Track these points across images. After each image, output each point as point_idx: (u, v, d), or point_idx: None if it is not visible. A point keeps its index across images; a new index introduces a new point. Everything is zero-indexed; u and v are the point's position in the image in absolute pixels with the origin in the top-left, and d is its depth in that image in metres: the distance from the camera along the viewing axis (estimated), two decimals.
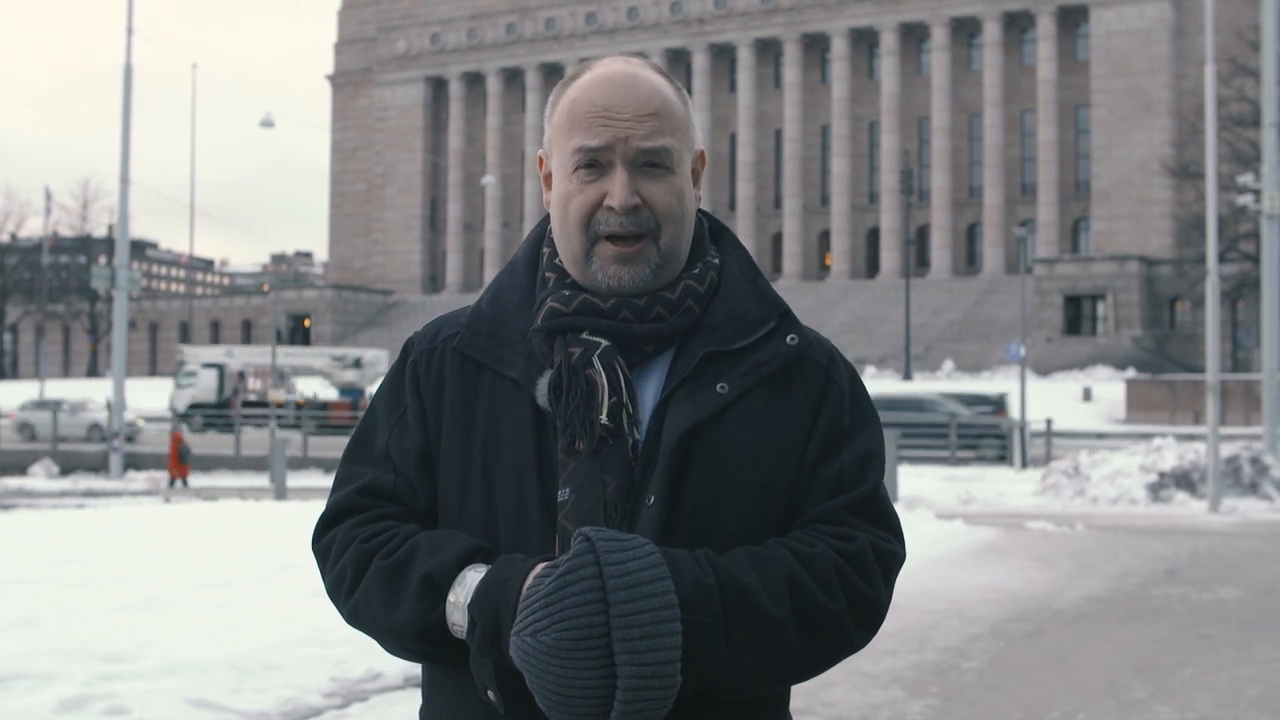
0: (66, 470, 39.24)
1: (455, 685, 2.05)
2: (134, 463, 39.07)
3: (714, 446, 2.03)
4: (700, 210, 2.19)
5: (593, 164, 2.04)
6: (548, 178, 2.15)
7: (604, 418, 2.01)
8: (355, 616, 2.05)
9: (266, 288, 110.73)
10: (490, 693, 1.94)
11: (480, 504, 2.06)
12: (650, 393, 2.07)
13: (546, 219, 2.21)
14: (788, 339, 2.11)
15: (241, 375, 60.01)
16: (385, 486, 2.11)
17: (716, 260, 2.15)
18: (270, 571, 12.09)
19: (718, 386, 2.05)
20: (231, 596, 10.67)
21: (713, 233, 2.21)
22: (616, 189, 2.03)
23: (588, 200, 2.04)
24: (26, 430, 49.88)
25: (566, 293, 2.08)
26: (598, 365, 2.03)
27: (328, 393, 59.71)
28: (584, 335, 2.05)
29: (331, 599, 2.10)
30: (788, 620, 1.95)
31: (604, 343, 2.05)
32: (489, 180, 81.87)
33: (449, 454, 2.09)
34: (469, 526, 2.06)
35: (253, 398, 58.46)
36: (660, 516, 1.99)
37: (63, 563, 12.54)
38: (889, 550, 2.07)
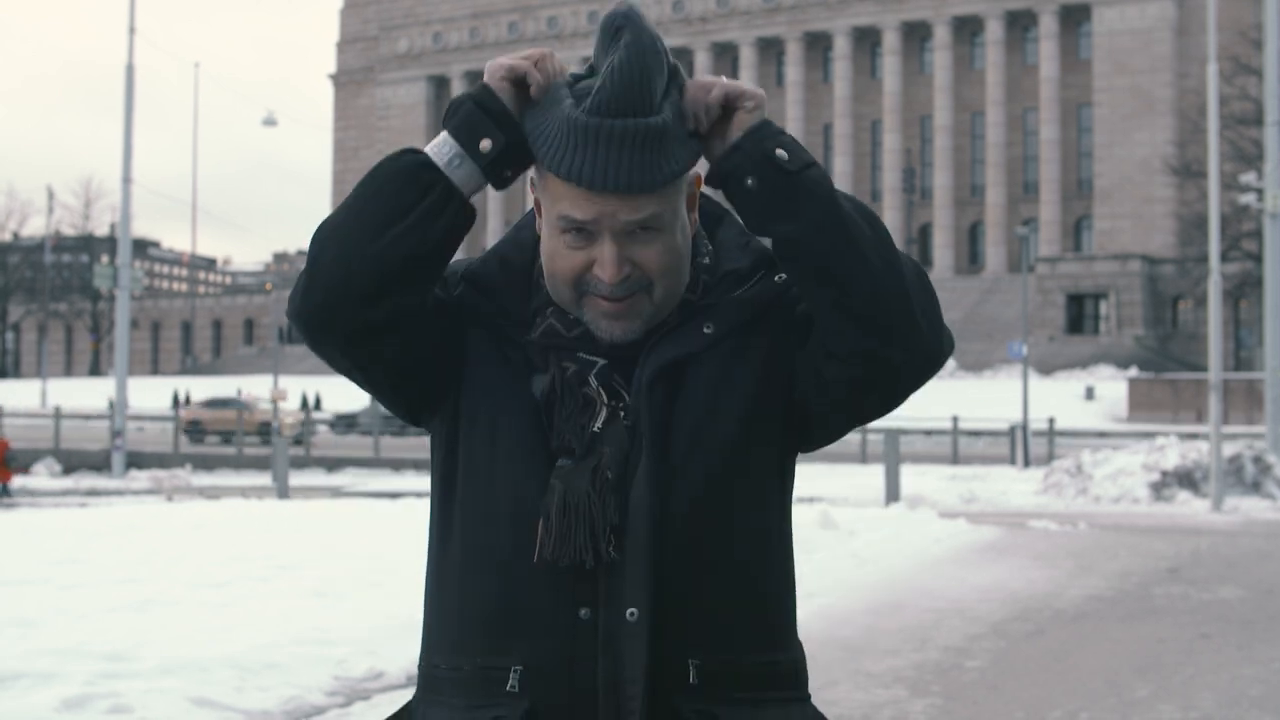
0: (69, 469, 39.21)
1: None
2: (136, 461, 39.06)
3: (700, 379, 2.03)
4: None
5: (580, 230, 1.99)
6: (537, 203, 2.10)
7: (598, 427, 2.01)
8: (323, 244, 2.02)
9: (269, 286, 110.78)
10: (489, 141, 1.98)
11: (484, 442, 2.04)
12: None
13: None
14: (776, 279, 2.08)
15: None
16: None
17: (708, 261, 2.12)
18: (272, 571, 12.09)
19: (704, 328, 2.05)
20: (233, 595, 10.66)
21: (713, 216, 2.18)
22: (606, 262, 1.98)
23: (576, 264, 2.00)
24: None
25: (570, 315, 2.05)
26: (593, 383, 2.03)
27: None
28: (579, 354, 2.04)
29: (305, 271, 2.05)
30: (852, 212, 1.99)
31: (600, 361, 2.04)
32: None
33: (469, 382, 2.08)
34: (470, 470, 2.05)
35: None
36: (652, 450, 1.98)
37: (62, 562, 12.53)
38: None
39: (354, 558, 13.00)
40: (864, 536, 16.66)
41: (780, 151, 1.97)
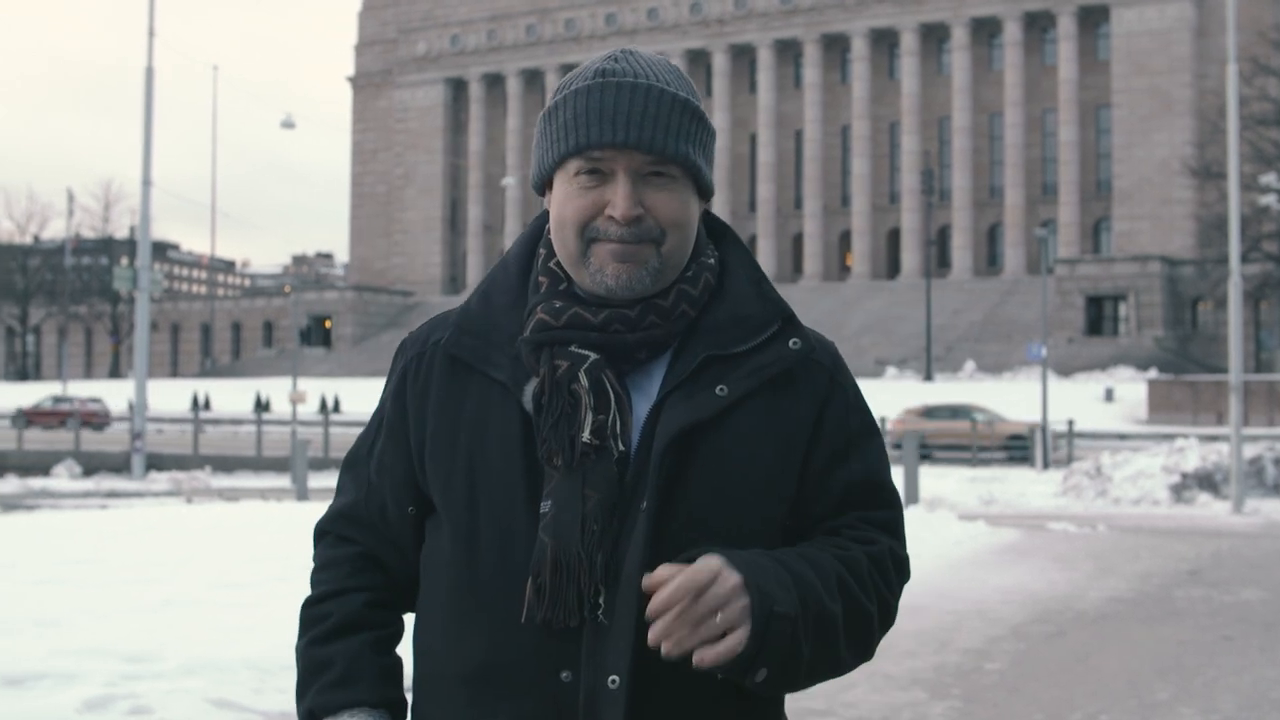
0: (89, 471, 39.33)
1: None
2: (156, 463, 39.18)
3: (713, 449, 1.95)
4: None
5: (594, 171, 1.96)
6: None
7: (586, 435, 1.93)
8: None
9: (288, 289, 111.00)
10: None
11: (463, 508, 2.00)
12: (645, 398, 1.99)
13: (541, 217, 2.15)
14: (790, 343, 2.03)
15: None
16: (359, 511, 2.18)
17: (712, 261, 2.07)
18: (291, 571, 12.09)
19: (717, 389, 1.96)
20: (252, 596, 10.68)
21: (713, 232, 2.12)
22: (619, 200, 1.94)
23: (587, 205, 1.96)
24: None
25: (558, 304, 1.99)
26: (584, 380, 1.95)
27: None
28: (572, 348, 1.97)
29: None
30: (839, 617, 1.91)
31: (592, 356, 1.96)
32: (509, 182, 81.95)
33: (434, 458, 2.03)
34: (451, 532, 2.01)
35: None
36: (651, 520, 1.91)
37: (82, 563, 12.56)
38: (903, 558, 2.06)
39: None
40: None
41: (760, 675, 1.87)
